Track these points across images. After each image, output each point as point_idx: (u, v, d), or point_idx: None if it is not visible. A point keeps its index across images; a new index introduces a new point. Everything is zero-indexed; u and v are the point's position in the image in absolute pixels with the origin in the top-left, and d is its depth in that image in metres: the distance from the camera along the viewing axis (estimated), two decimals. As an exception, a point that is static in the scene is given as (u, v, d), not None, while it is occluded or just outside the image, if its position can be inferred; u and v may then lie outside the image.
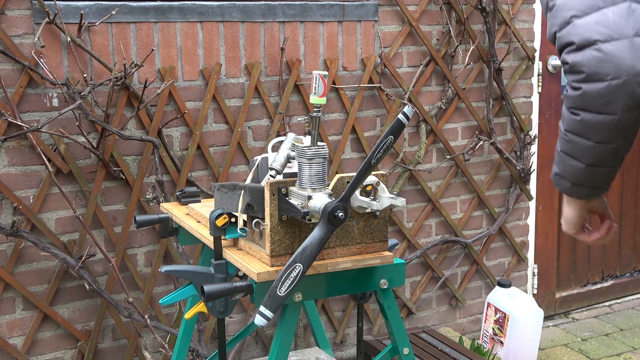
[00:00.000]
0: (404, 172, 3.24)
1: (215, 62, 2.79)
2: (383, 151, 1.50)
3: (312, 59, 2.98)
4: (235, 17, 2.81)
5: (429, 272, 3.41)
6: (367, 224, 1.74)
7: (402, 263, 1.83)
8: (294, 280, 1.51)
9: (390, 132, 1.49)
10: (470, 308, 3.58)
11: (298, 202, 1.62)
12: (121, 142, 2.66)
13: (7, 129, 2.46)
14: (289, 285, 1.51)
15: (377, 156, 1.51)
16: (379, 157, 1.51)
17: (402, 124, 1.49)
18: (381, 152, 1.50)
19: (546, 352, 3.54)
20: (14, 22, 2.45)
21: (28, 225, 2.53)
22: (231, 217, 1.80)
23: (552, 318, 3.92)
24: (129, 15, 2.62)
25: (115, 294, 2.70)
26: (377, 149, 1.50)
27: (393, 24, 3.14)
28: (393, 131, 1.49)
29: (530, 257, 3.75)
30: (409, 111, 1.49)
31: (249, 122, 2.89)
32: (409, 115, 1.49)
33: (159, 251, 2.78)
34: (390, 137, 1.48)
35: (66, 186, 2.59)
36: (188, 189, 2.23)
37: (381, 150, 1.50)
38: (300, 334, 3.08)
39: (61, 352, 2.67)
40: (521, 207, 3.65)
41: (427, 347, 3.04)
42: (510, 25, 3.40)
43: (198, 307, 1.90)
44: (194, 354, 2.79)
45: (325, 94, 1.66)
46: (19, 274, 2.56)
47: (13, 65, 2.46)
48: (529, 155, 3.58)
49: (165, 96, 2.70)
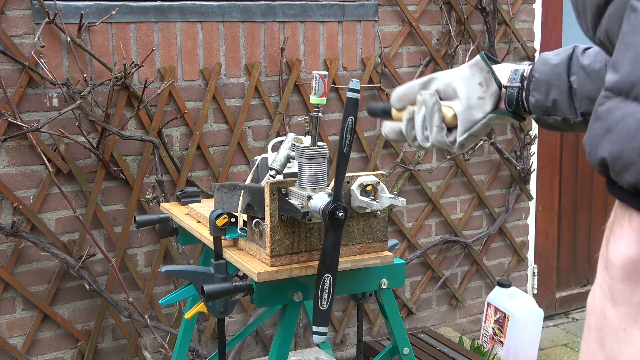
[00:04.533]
0: (404, 172, 3.24)
1: (215, 62, 2.78)
2: (350, 135, 1.46)
3: (312, 59, 2.98)
4: (235, 17, 2.81)
5: (429, 272, 3.41)
6: (367, 224, 1.74)
7: (402, 263, 1.83)
8: (330, 290, 1.52)
9: (349, 113, 1.43)
10: (470, 308, 3.58)
11: (298, 202, 1.62)
12: (121, 142, 2.66)
13: (7, 129, 2.46)
14: (327, 296, 1.52)
15: (347, 142, 1.48)
16: (348, 142, 1.48)
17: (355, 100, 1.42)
18: (349, 137, 1.46)
19: (546, 352, 3.54)
20: (14, 22, 2.45)
21: (28, 225, 2.53)
22: (231, 217, 1.80)
23: (552, 318, 3.92)
24: (129, 15, 2.62)
25: (115, 294, 2.70)
26: (344, 136, 1.45)
27: (393, 24, 3.14)
28: (350, 111, 1.43)
29: (530, 257, 3.75)
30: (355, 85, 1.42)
31: (249, 122, 2.89)
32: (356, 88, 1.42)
33: (159, 251, 2.78)
34: (350, 117, 1.42)
35: (66, 186, 2.58)
36: (188, 189, 2.23)
37: (347, 135, 1.46)
38: (300, 334, 3.08)
39: (61, 352, 2.67)
40: (521, 207, 3.65)
41: (426, 348, 3.04)
42: (510, 25, 3.40)
43: (198, 307, 1.90)
44: (194, 354, 2.79)
45: (325, 94, 1.66)
46: (19, 274, 2.56)
47: (13, 65, 2.46)
48: (529, 155, 3.58)
49: (165, 96, 2.70)
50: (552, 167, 3.77)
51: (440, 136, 1.14)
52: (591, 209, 4.01)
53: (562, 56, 1.09)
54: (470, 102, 1.11)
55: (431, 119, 1.14)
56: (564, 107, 1.08)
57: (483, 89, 1.11)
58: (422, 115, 1.15)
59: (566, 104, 1.08)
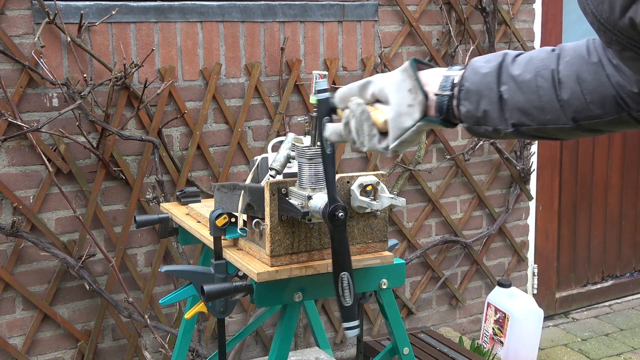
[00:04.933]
0: (404, 172, 3.24)
1: (215, 62, 2.78)
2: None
3: (312, 59, 2.98)
4: (235, 17, 2.81)
5: (429, 272, 3.41)
6: (367, 224, 1.74)
7: (402, 263, 1.83)
8: (349, 286, 1.53)
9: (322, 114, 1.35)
10: (470, 308, 3.58)
11: (298, 202, 1.62)
12: (121, 142, 2.66)
13: (7, 129, 2.45)
14: (349, 291, 1.53)
15: (328, 143, 1.44)
16: (329, 143, 1.44)
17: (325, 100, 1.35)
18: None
19: (546, 352, 3.54)
20: (14, 22, 2.45)
21: (28, 225, 2.53)
22: (231, 217, 1.80)
23: (552, 318, 3.92)
24: (129, 15, 2.62)
25: (115, 294, 2.70)
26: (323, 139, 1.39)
27: (393, 24, 3.14)
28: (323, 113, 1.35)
29: (530, 257, 3.75)
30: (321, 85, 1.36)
31: (249, 122, 2.89)
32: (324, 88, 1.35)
33: (159, 251, 2.78)
34: (325, 118, 1.34)
35: (66, 186, 2.58)
36: (188, 189, 2.23)
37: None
38: (300, 334, 3.08)
39: (61, 352, 2.67)
40: (521, 207, 3.65)
41: (426, 348, 3.04)
42: (510, 25, 3.40)
43: (198, 307, 1.90)
44: (194, 354, 2.79)
45: (325, 94, 1.66)
46: (19, 274, 2.56)
47: (13, 65, 2.46)
48: (529, 155, 3.58)
49: (165, 96, 2.70)
50: (552, 167, 3.77)
51: (372, 144, 1.13)
52: (591, 209, 4.01)
53: (492, 64, 1.05)
54: (400, 109, 1.09)
55: (361, 127, 1.13)
56: (494, 117, 1.05)
57: (412, 96, 1.08)
58: (354, 123, 1.14)
59: (497, 114, 1.04)
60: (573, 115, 1.00)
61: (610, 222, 4.09)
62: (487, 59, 1.07)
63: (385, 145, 1.11)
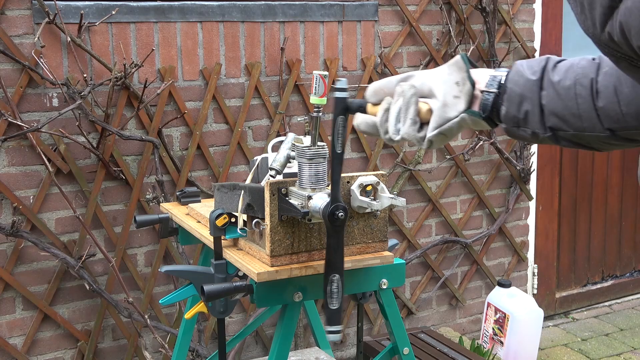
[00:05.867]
0: (404, 172, 3.24)
1: (215, 62, 2.78)
2: (341, 135, 1.41)
3: (312, 59, 2.98)
4: (235, 17, 2.81)
5: (429, 272, 3.41)
6: (367, 224, 1.74)
7: (402, 263, 1.83)
8: (338, 289, 1.52)
9: (338, 113, 1.35)
10: (470, 308, 3.58)
11: (298, 202, 1.62)
12: (121, 142, 2.66)
13: (7, 129, 2.46)
14: (337, 295, 1.52)
15: (339, 142, 1.44)
16: (340, 142, 1.44)
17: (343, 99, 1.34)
18: (340, 137, 1.41)
19: (546, 352, 3.54)
20: (14, 22, 2.45)
21: (28, 225, 2.53)
22: (231, 217, 1.80)
23: (552, 318, 3.92)
24: (129, 15, 2.62)
25: (115, 294, 2.70)
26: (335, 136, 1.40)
27: (393, 24, 3.14)
28: (339, 111, 1.35)
29: (530, 257, 3.75)
30: (342, 84, 1.35)
31: (249, 122, 2.89)
32: (344, 87, 1.35)
33: (159, 251, 2.78)
34: (340, 117, 1.35)
35: (66, 186, 2.58)
36: (188, 189, 2.23)
37: (339, 135, 1.40)
38: (300, 334, 3.08)
39: (61, 352, 2.67)
40: (521, 207, 3.65)
41: (426, 348, 3.04)
42: (510, 25, 3.40)
43: (198, 307, 1.90)
44: (194, 354, 2.79)
45: (325, 94, 1.66)
46: (19, 274, 2.56)
47: (13, 65, 2.46)
48: (529, 155, 3.58)
49: (165, 96, 2.70)
50: (552, 167, 3.77)
51: (412, 129, 1.14)
52: (591, 209, 4.01)
53: (536, 69, 1.08)
54: (446, 99, 1.12)
55: (407, 110, 1.14)
56: (534, 120, 1.07)
57: (459, 87, 1.11)
58: (399, 106, 1.15)
59: (537, 117, 1.07)
60: (609, 125, 1.03)
61: (610, 222, 4.09)
62: (530, 64, 1.10)
63: (423, 135, 1.13)
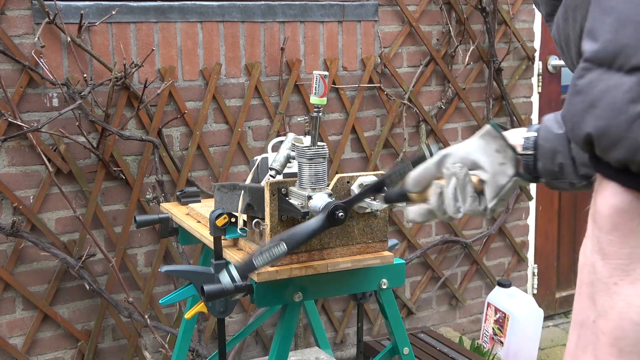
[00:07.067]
0: (404, 172, 3.23)
1: (215, 62, 2.79)
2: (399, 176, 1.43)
3: (312, 59, 2.98)
4: (235, 17, 2.81)
5: (429, 272, 3.41)
6: (367, 224, 1.74)
7: (402, 263, 1.83)
8: (273, 258, 1.48)
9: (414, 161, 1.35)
10: (470, 308, 3.58)
11: (298, 202, 1.62)
12: (121, 142, 2.66)
13: (7, 129, 2.45)
14: (267, 259, 1.48)
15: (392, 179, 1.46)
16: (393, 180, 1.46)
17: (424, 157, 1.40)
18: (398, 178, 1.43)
19: (546, 352, 3.54)
20: (14, 22, 2.45)
21: (28, 225, 2.53)
22: (231, 217, 1.80)
23: (552, 318, 3.92)
24: (129, 15, 2.62)
25: (115, 294, 2.70)
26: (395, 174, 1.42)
27: (393, 24, 3.14)
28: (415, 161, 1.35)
29: (530, 257, 3.75)
30: (434, 148, 1.35)
31: (249, 122, 2.89)
32: (433, 151, 1.34)
33: (159, 251, 2.78)
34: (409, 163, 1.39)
35: (66, 186, 2.58)
36: (188, 189, 2.23)
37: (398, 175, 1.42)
38: (300, 334, 3.08)
39: (61, 352, 2.67)
40: (521, 207, 3.65)
41: (426, 348, 3.04)
42: (510, 25, 3.40)
43: (198, 307, 1.90)
44: (194, 354, 2.79)
45: (325, 94, 1.66)
46: (19, 274, 2.56)
47: (13, 65, 2.46)
48: (529, 155, 3.58)
49: (165, 96, 2.70)
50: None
51: (475, 205, 1.16)
52: (591, 209, 4.00)
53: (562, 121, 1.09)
54: (494, 169, 1.14)
55: (464, 190, 1.16)
56: (569, 172, 1.10)
57: (502, 154, 1.13)
58: (453, 188, 1.16)
59: (570, 169, 1.09)
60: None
61: (610, 222, 4.09)
62: (556, 117, 1.11)
63: (484, 207, 1.16)
